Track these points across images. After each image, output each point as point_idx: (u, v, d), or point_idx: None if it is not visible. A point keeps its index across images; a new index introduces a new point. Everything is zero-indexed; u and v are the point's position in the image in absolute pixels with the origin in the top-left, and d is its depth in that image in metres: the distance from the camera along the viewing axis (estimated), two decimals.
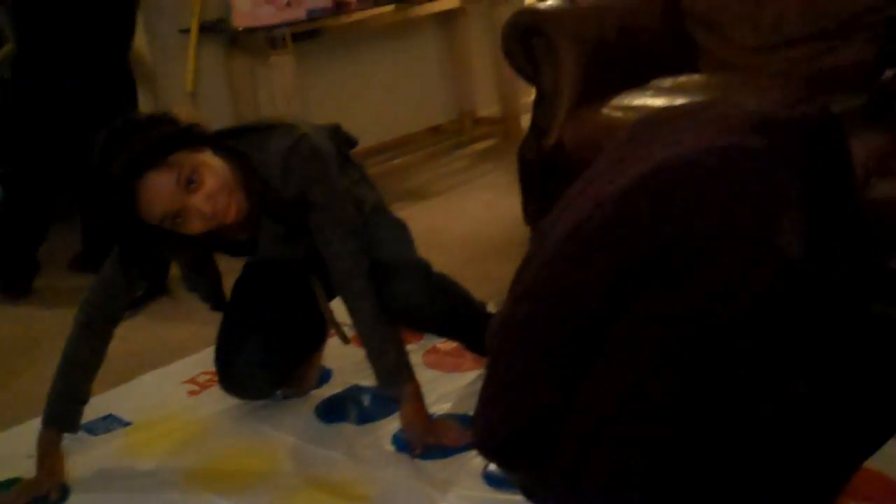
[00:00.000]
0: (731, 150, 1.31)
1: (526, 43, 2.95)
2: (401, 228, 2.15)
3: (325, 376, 2.39)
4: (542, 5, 2.99)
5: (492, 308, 2.21)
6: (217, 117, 3.80)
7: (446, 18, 4.46)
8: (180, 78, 3.75)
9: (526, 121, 3.56)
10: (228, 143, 1.87)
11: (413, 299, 1.98)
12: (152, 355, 2.65)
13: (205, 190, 1.77)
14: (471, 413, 2.09)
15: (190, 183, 1.76)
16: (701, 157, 1.31)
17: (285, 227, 1.95)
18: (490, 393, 1.57)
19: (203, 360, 2.55)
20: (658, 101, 2.74)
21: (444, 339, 2.43)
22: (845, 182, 1.34)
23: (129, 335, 2.83)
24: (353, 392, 2.28)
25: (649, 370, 1.32)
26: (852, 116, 1.46)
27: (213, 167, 1.79)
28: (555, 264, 1.45)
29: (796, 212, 1.26)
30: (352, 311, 2.00)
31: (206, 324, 2.81)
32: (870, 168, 1.38)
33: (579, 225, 1.41)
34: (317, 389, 2.33)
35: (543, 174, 2.89)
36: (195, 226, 1.80)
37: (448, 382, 2.28)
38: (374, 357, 1.99)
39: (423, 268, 2.06)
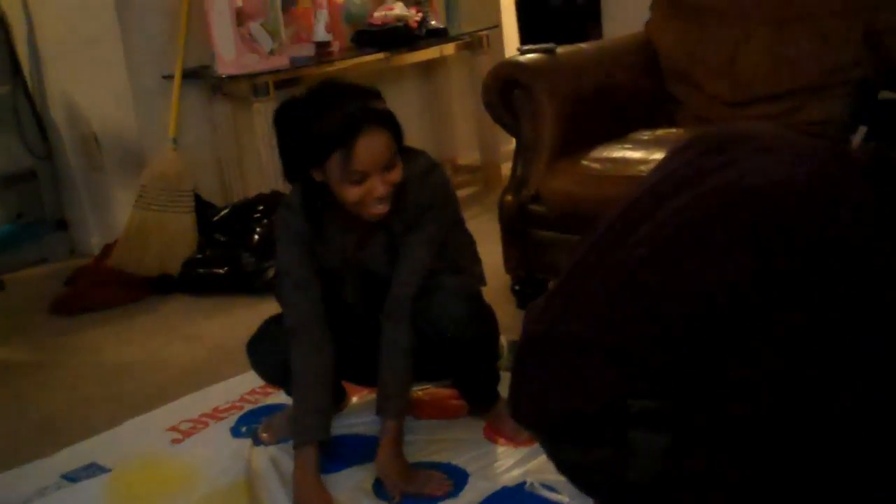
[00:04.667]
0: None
1: (506, 95, 2.99)
2: (467, 249, 2.27)
3: None
4: (522, 58, 3.04)
5: None
6: (198, 163, 3.84)
7: (428, 67, 4.53)
8: (163, 124, 3.77)
9: (506, 169, 3.61)
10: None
11: (452, 315, 2.06)
12: (136, 401, 2.65)
13: (392, 178, 1.97)
14: (455, 462, 2.14)
15: (389, 165, 1.96)
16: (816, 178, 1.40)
17: (391, 238, 2.07)
18: (556, 361, 1.55)
19: (185, 407, 2.56)
20: (637, 154, 2.79)
21: (427, 386, 2.45)
22: None
23: (111, 380, 2.86)
24: (342, 439, 2.27)
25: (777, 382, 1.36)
26: None
27: (400, 168, 1.99)
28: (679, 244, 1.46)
29: None
30: (386, 330, 2.07)
31: (191, 369, 2.84)
32: None
33: (720, 211, 1.43)
34: None
35: (524, 223, 2.93)
36: (371, 190, 1.96)
37: (431, 430, 2.29)
38: (384, 380, 2.08)
39: (471, 292, 2.15)
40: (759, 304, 1.37)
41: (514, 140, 3.08)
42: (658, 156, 2.72)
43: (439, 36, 4.25)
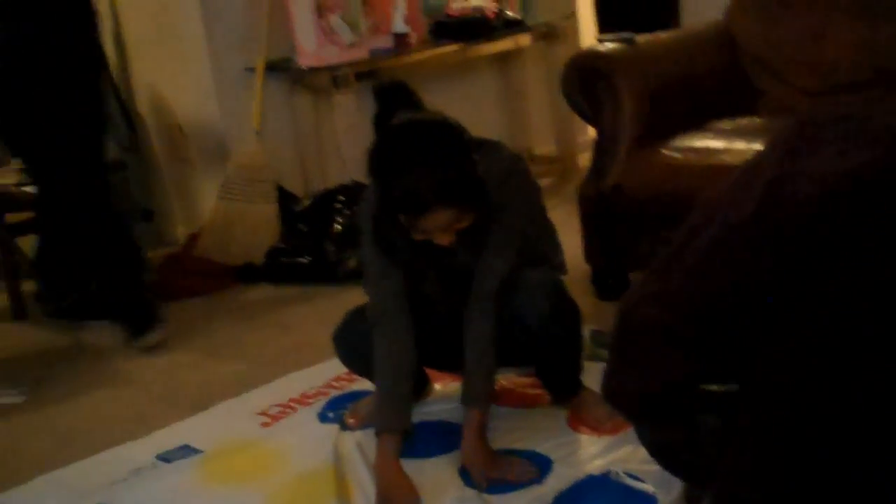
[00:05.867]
0: None
1: (586, 84, 3.00)
2: (549, 239, 2.30)
3: None
4: (602, 48, 3.05)
5: None
6: (280, 154, 3.92)
7: (504, 58, 4.54)
8: (246, 115, 3.85)
9: (582, 159, 3.62)
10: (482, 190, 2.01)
11: (537, 308, 2.10)
12: (225, 386, 2.73)
13: (459, 227, 1.99)
14: (538, 450, 2.17)
15: (454, 225, 1.98)
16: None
17: (473, 233, 2.06)
18: (626, 352, 1.62)
19: (274, 391, 2.64)
20: (717, 144, 2.79)
21: (510, 374, 2.48)
22: None
23: (200, 365, 2.95)
24: (426, 426, 2.31)
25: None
26: None
27: (470, 218, 1.99)
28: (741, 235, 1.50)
29: None
30: (471, 322, 2.10)
31: (276, 356, 2.92)
32: None
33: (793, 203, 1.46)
34: None
35: (604, 214, 2.94)
36: (435, 240, 2.01)
37: (514, 418, 2.33)
38: (469, 370, 2.11)
39: (555, 284, 2.18)
40: (802, 295, 1.41)
41: (590, 130, 3.09)
42: (739, 145, 2.72)
43: (516, 26, 4.27)
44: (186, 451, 2.38)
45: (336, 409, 2.48)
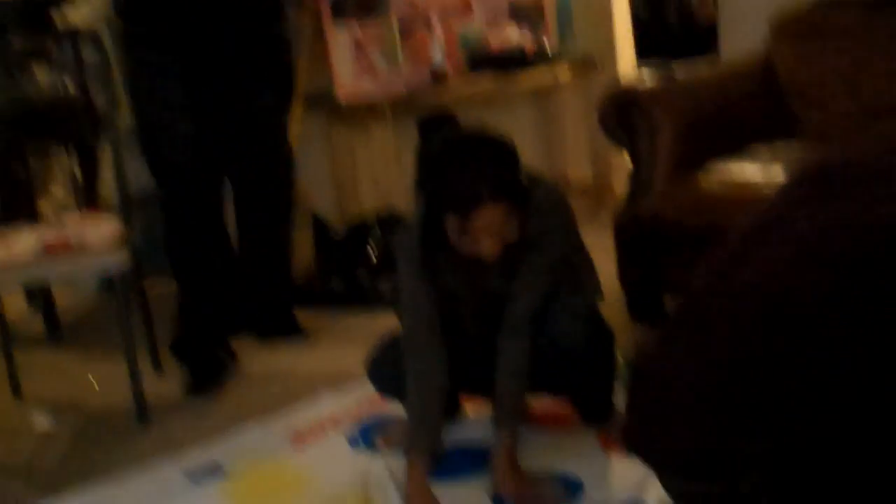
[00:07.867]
0: None
1: (623, 117, 3.00)
2: (585, 266, 2.29)
3: None
4: (639, 81, 3.06)
5: None
6: (318, 183, 3.94)
7: (542, 89, 4.55)
8: None
9: (617, 186, 3.61)
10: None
11: (572, 334, 2.11)
12: (256, 406, 2.74)
13: (507, 238, 2.00)
14: (569, 472, 2.15)
15: (502, 232, 1.99)
16: None
17: (510, 260, 2.07)
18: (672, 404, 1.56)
19: (305, 413, 2.64)
20: (754, 171, 2.77)
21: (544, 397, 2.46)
22: None
23: (232, 385, 2.96)
24: (456, 448, 2.31)
25: None
26: None
27: (516, 227, 2.01)
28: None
29: None
30: (503, 346, 2.11)
31: (306, 380, 2.92)
32: None
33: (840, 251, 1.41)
34: None
35: (639, 240, 2.93)
36: (481, 248, 2.00)
37: (545, 439, 2.31)
38: (500, 392, 2.11)
39: (591, 310, 2.19)
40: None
41: (627, 159, 3.09)
42: (776, 172, 2.69)
43: (554, 59, 4.27)
44: (216, 470, 2.38)
45: (367, 434, 2.47)
